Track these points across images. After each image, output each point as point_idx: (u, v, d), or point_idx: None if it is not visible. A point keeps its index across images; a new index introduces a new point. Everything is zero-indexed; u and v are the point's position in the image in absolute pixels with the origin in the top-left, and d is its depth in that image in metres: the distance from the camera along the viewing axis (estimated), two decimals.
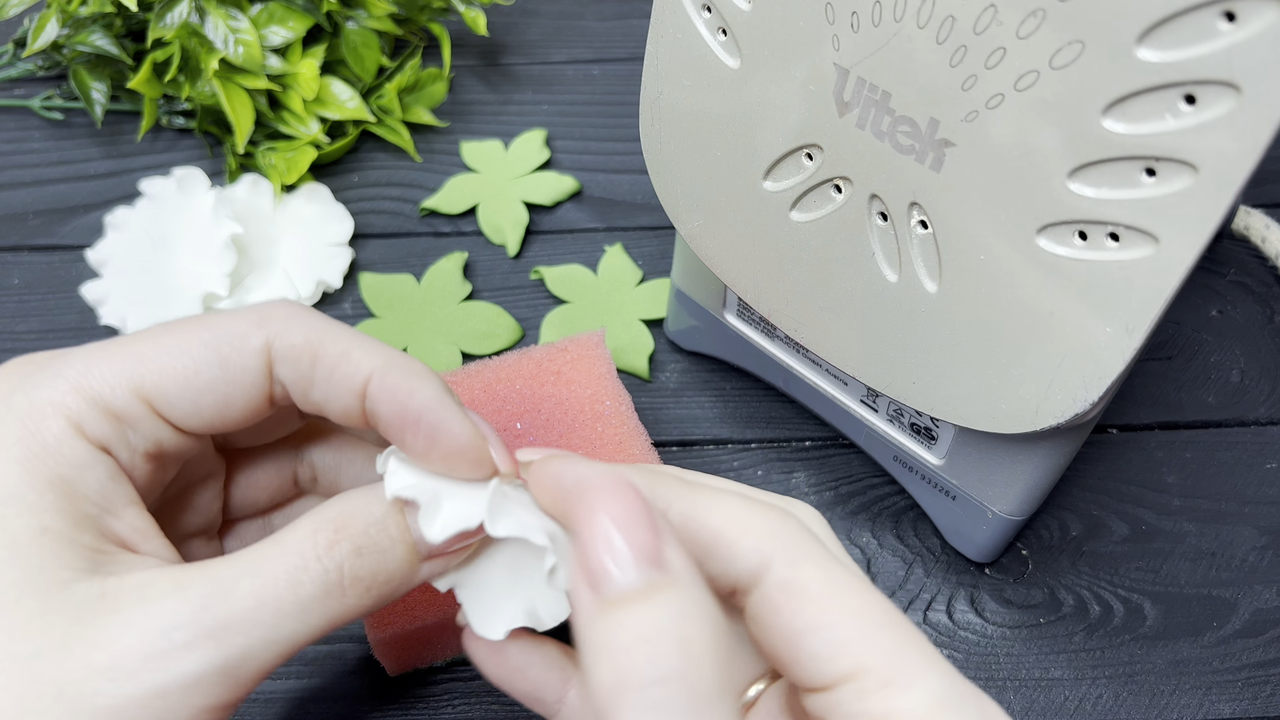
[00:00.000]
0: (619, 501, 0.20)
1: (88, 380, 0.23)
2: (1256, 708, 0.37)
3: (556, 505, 0.23)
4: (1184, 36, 0.23)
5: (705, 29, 0.32)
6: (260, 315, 0.24)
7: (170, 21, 0.47)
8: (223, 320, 0.24)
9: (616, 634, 0.19)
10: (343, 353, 0.24)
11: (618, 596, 0.19)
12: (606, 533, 0.19)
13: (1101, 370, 0.28)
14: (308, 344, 0.24)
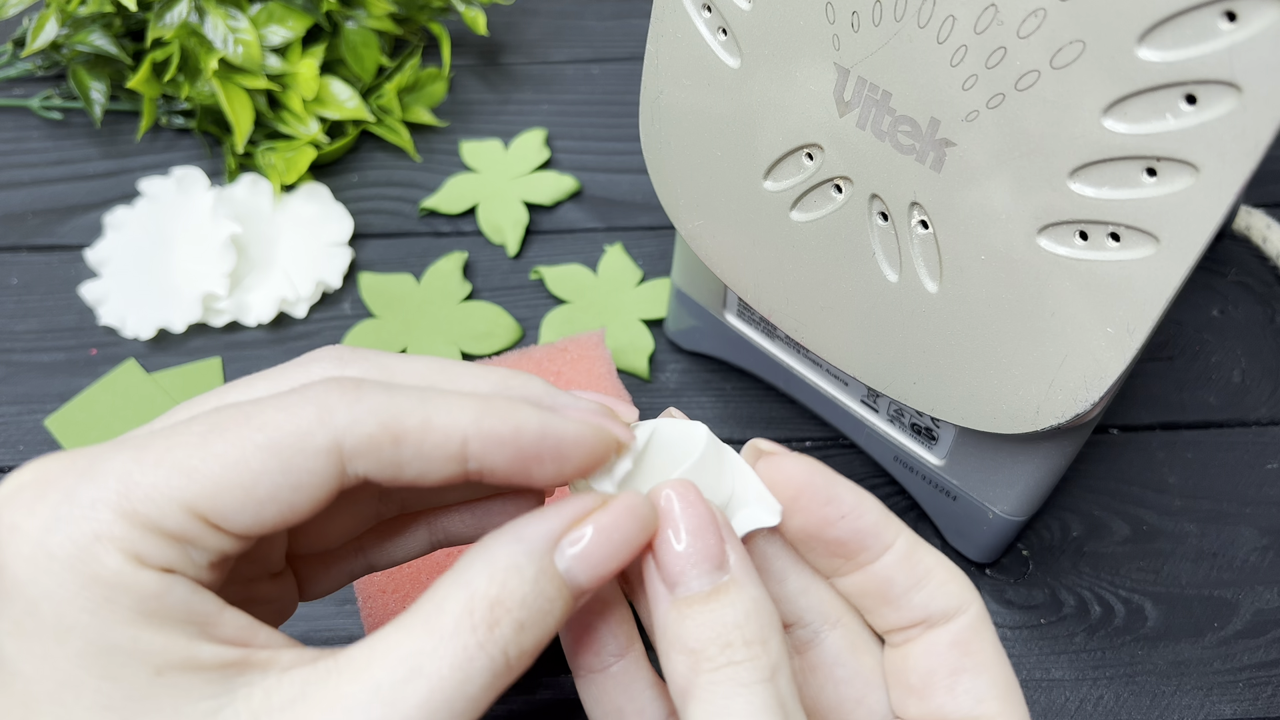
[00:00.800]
0: (690, 510, 0.23)
1: (132, 502, 0.20)
2: (1258, 708, 0.37)
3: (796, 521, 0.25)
4: (1185, 36, 0.23)
5: (705, 28, 0.31)
6: (320, 408, 0.21)
7: (169, 21, 0.47)
8: (277, 418, 0.20)
9: (689, 628, 0.22)
10: (424, 422, 0.21)
11: (690, 596, 0.22)
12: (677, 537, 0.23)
13: (1102, 370, 0.28)
14: (384, 429, 0.21)
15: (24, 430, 0.43)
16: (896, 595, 0.25)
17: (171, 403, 0.43)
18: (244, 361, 0.45)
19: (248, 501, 0.20)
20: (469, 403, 0.22)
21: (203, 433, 0.20)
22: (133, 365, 0.45)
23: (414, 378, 0.23)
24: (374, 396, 0.21)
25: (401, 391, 0.22)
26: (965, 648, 0.25)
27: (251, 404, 0.21)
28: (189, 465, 0.20)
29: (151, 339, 0.46)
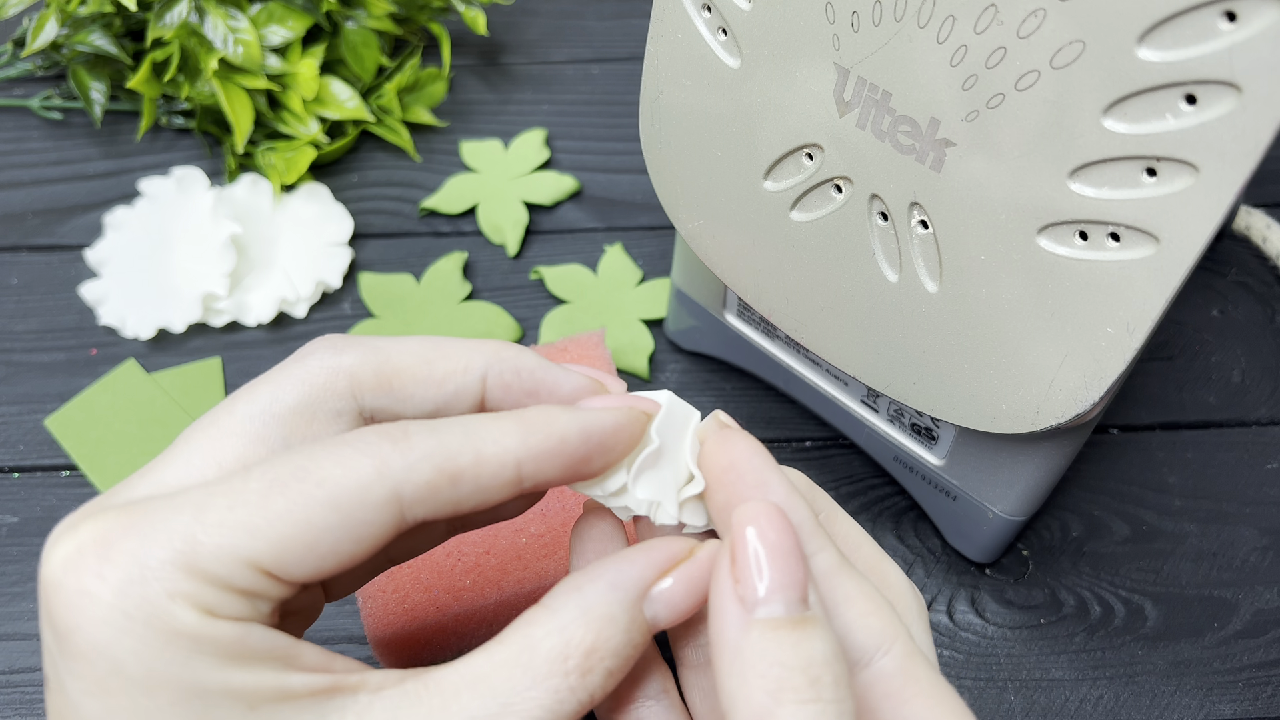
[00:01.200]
0: (776, 532, 0.22)
1: (200, 562, 0.20)
2: (1258, 708, 0.37)
3: (719, 496, 0.24)
4: (1185, 36, 0.23)
5: (705, 29, 0.31)
6: (376, 460, 0.21)
7: (169, 21, 0.47)
8: (335, 473, 0.21)
9: (774, 651, 0.21)
10: (476, 458, 0.22)
11: (771, 619, 0.21)
12: (761, 558, 0.22)
13: (1102, 370, 0.28)
14: (440, 473, 0.21)
15: (24, 430, 0.43)
16: None
17: (172, 402, 0.43)
18: (244, 361, 0.45)
19: (309, 556, 0.21)
20: (511, 426, 0.22)
21: (263, 491, 0.21)
22: (133, 365, 0.45)
23: (408, 357, 0.24)
24: (423, 441, 0.22)
25: (446, 428, 0.22)
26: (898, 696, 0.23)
27: (306, 456, 0.21)
28: (252, 525, 0.20)
29: (151, 339, 0.46)
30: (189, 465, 0.22)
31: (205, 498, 0.21)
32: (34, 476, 0.42)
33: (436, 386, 0.24)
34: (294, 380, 0.23)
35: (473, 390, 0.24)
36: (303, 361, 0.24)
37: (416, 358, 0.24)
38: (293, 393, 0.23)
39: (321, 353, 0.24)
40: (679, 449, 0.25)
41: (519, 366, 0.25)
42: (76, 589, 0.20)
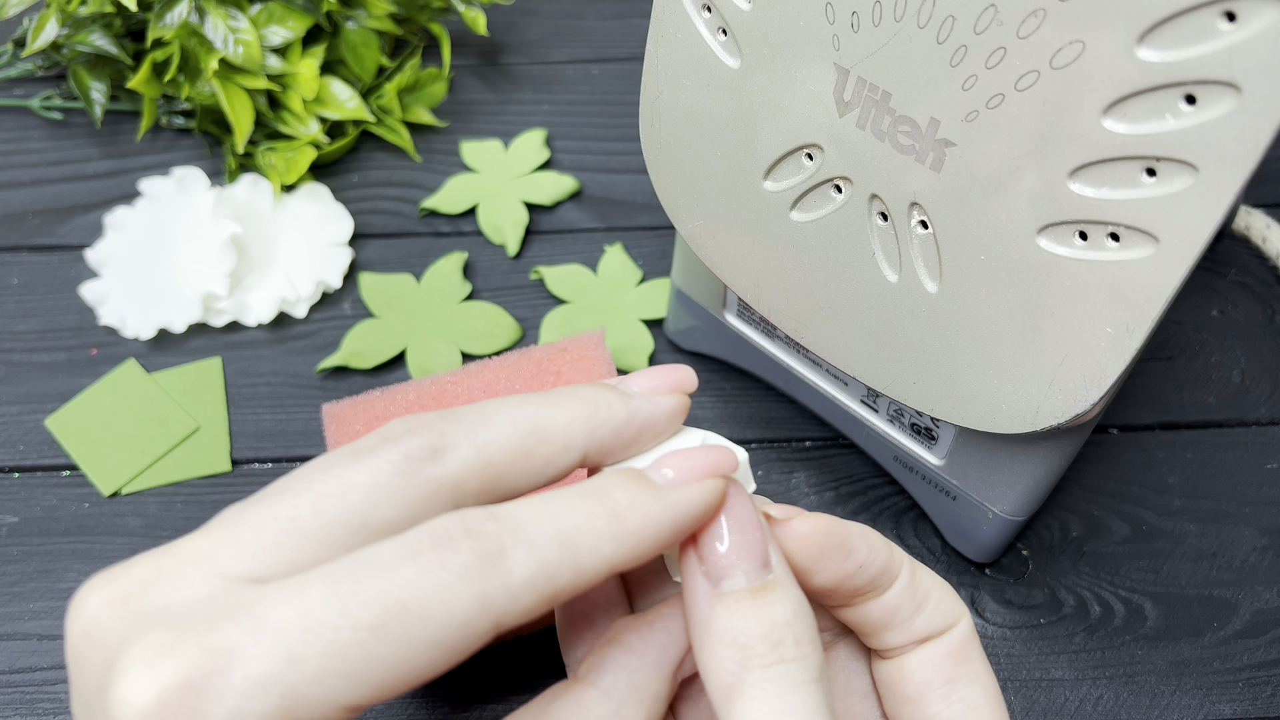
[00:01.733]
0: (738, 507, 0.23)
1: (298, 712, 0.19)
2: (1257, 708, 0.37)
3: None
4: (1184, 36, 0.23)
5: (705, 29, 0.32)
6: (480, 595, 0.20)
7: (170, 21, 0.47)
8: (438, 611, 0.20)
9: (738, 623, 0.22)
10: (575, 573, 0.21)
11: (733, 592, 0.22)
12: (725, 533, 0.23)
13: (1102, 370, 0.28)
14: (541, 597, 0.21)
15: (24, 430, 0.43)
16: (900, 621, 0.26)
17: (172, 402, 0.43)
18: (244, 361, 0.45)
19: (399, 690, 0.20)
20: (605, 530, 0.21)
21: (362, 630, 0.19)
22: (133, 365, 0.45)
23: (511, 454, 0.22)
24: (524, 565, 0.20)
25: (543, 544, 0.21)
26: (958, 658, 0.26)
27: (403, 588, 0.20)
28: (353, 675, 0.19)
29: (152, 339, 0.46)
30: (256, 560, 0.21)
31: (300, 635, 0.19)
32: (34, 476, 0.42)
33: (536, 476, 0.23)
34: (394, 493, 0.21)
35: (573, 465, 0.23)
36: (402, 470, 0.21)
37: (517, 452, 0.22)
38: (393, 508, 0.21)
39: (420, 458, 0.22)
40: None
41: (615, 426, 0.24)
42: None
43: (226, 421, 0.43)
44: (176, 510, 0.41)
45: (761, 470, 0.43)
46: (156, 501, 0.41)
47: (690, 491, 0.23)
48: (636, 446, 0.24)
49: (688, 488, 0.23)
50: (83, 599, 0.21)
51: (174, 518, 0.41)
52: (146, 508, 0.41)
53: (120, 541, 0.40)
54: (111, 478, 0.41)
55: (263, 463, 0.43)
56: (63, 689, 0.37)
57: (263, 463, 0.43)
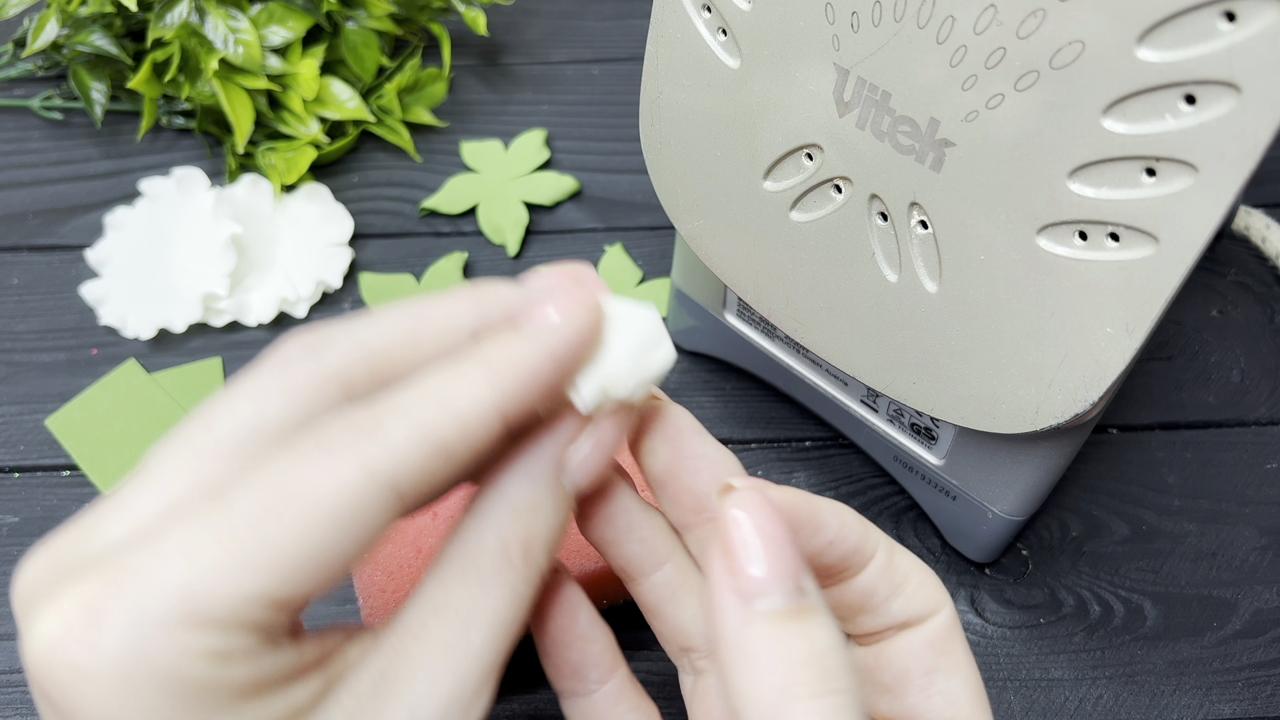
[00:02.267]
0: (767, 520, 0.21)
1: (200, 610, 0.19)
2: (1257, 708, 0.37)
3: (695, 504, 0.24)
4: (1184, 36, 0.23)
5: (705, 29, 0.32)
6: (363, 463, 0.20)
7: (170, 21, 0.47)
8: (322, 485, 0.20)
9: (780, 646, 0.20)
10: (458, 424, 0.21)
11: (772, 612, 0.21)
12: (757, 548, 0.21)
13: (1102, 370, 0.28)
14: (431, 454, 0.21)
15: (24, 430, 0.43)
16: (876, 605, 0.25)
17: (172, 402, 0.43)
18: (244, 361, 0.45)
19: (316, 573, 0.20)
20: (479, 377, 0.21)
21: (252, 520, 0.19)
22: (133, 365, 0.45)
23: (393, 341, 0.22)
24: (399, 425, 0.20)
25: (416, 403, 0.21)
26: (939, 648, 0.25)
27: (284, 471, 0.20)
28: (251, 561, 0.19)
29: (152, 339, 0.46)
30: (165, 493, 0.21)
31: (190, 539, 0.19)
32: (34, 476, 0.42)
33: (424, 361, 0.22)
34: (277, 393, 0.21)
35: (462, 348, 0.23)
36: (283, 370, 0.21)
37: (401, 339, 0.22)
38: (279, 408, 0.21)
39: (300, 358, 0.22)
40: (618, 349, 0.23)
41: (503, 306, 0.23)
42: (70, 666, 0.19)
43: None
44: None
45: (761, 470, 0.43)
46: None
47: (559, 327, 0.22)
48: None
49: (553, 321, 0.22)
50: (20, 571, 0.21)
51: None
52: None
53: None
54: (112, 478, 0.41)
55: None
56: None
57: None
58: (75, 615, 0.19)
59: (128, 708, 0.19)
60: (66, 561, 0.20)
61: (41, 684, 0.19)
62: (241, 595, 0.19)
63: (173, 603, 0.19)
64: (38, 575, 0.20)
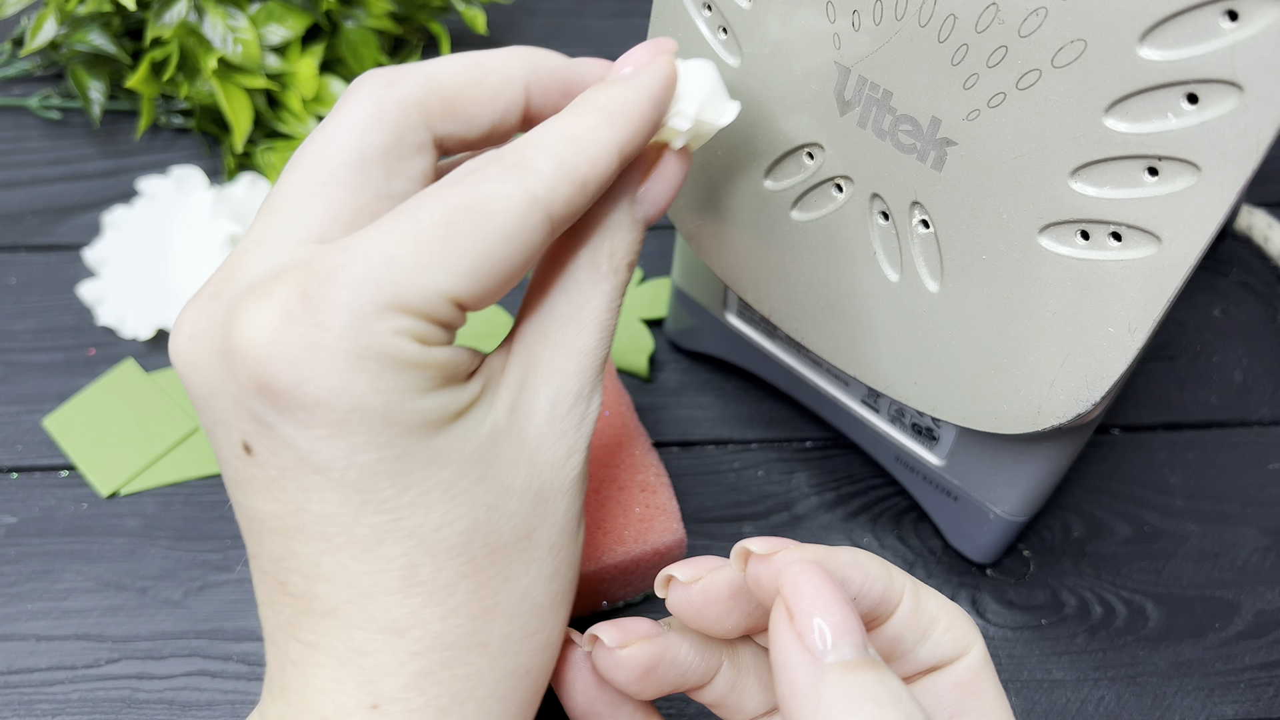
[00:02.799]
0: (826, 583, 0.22)
1: (407, 300, 0.22)
2: (1259, 709, 0.37)
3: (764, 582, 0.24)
4: (1186, 35, 0.23)
5: (706, 27, 0.31)
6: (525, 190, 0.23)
7: (168, 20, 0.47)
8: (497, 205, 0.23)
9: (854, 691, 0.21)
10: (591, 160, 0.24)
11: (845, 662, 0.21)
12: (820, 608, 0.22)
13: (1104, 370, 0.28)
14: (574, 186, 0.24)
15: (22, 430, 0.43)
16: (904, 651, 0.25)
17: (171, 402, 0.43)
18: None
19: (493, 283, 0.23)
20: (599, 121, 0.25)
21: (443, 231, 0.22)
22: (131, 365, 0.44)
23: (459, 78, 0.25)
24: (546, 162, 0.24)
25: (555, 145, 0.24)
26: (967, 689, 0.25)
27: (460, 193, 0.23)
28: (446, 263, 0.22)
29: (150, 339, 0.45)
30: (310, 221, 0.24)
31: (384, 243, 0.22)
32: (32, 477, 0.42)
33: (489, 103, 0.25)
34: (374, 121, 0.24)
35: (520, 100, 0.26)
36: (371, 101, 0.24)
37: (466, 78, 0.25)
38: (379, 134, 0.24)
39: (382, 89, 0.24)
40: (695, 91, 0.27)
41: (551, 68, 0.26)
42: (300, 343, 0.21)
43: None
44: (175, 511, 0.41)
45: (762, 471, 0.43)
46: (155, 502, 0.41)
47: (647, 70, 0.26)
48: (568, 95, 0.27)
49: (643, 70, 0.26)
50: (176, 328, 0.24)
51: (172, 518, 0.41)
52: (145, 508, 0.41)
53: (118, 542, 0.40)
54: (110, 478, 0.41)
55: None
56: (60, 690, 0.37)
57: None
58: (294, 303, 0.22)
59: (356, 378, 0.22)
60: (235, 290, 0.23)
61: (259, 369, 0.22)
62: (434, 290, 0.22)
63: (382, 292, 0.22)
64: (204, 313, 0.23)
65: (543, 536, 0.25)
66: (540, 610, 0.26)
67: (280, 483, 0.23)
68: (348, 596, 0.23)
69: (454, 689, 0.24)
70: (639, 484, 0.36)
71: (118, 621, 0.38)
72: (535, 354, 0.26)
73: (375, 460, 0.22)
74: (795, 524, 0.41)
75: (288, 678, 0.24)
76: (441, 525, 0.23)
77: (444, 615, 0.24)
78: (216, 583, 0.39)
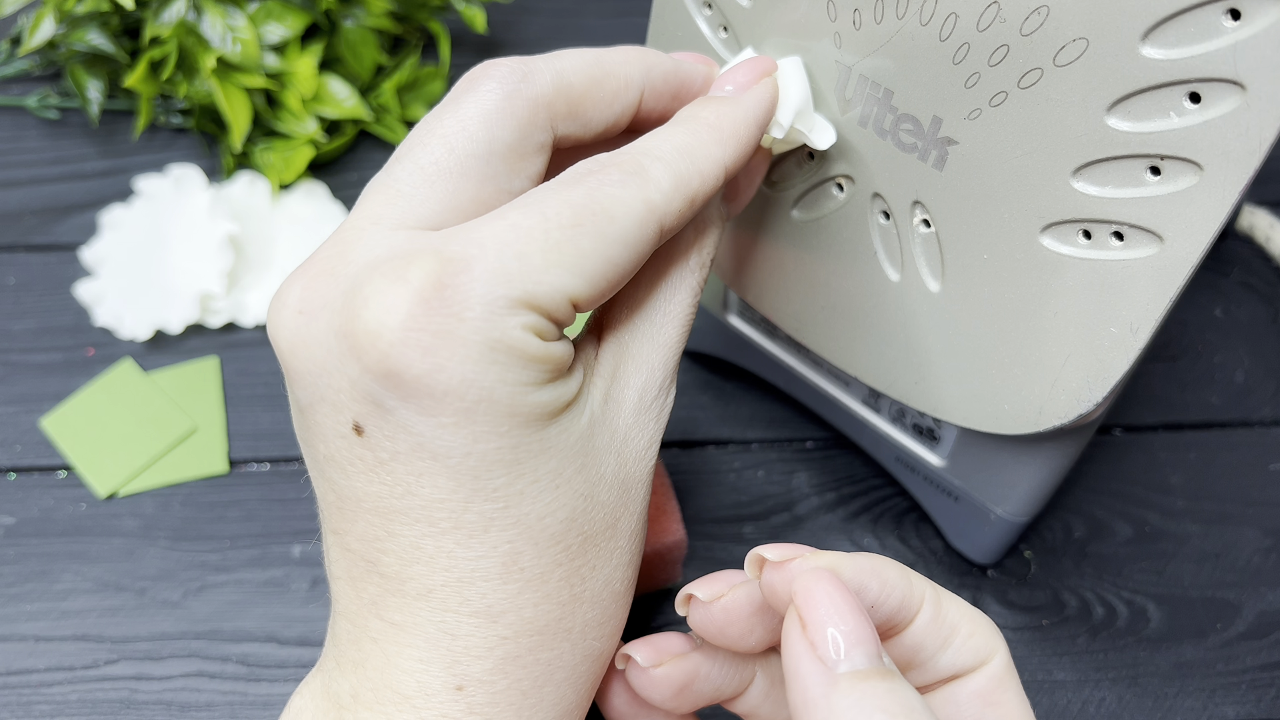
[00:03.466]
0: (840, 591, 0.22)
1: (535, 298, 0.22)
2: (1261, 710, 0.37)
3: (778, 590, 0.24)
4: (1188, 34, 0.23)
5: (706, 26, 0.31)
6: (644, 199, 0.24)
7: (167, 19, 0.47)
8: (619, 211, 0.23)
9: (866, 700, 0.21)
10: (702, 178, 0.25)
11: (858, 671, 0.21)
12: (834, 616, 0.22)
13: (1106, 370, 0.28)
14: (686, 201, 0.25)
15: (20, 430, 0.43)
16: (924, 660, 0.24)
17: (169, 403, 0.43)
18: (242, 361, 0.45)
19: (607, 287, 0.24)
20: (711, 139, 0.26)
21: (566, 229, 0.23)
22: (129, 365, 0.44)
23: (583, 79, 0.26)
24: (663, 175, 0.24)
25: (673, 159, 0.25)
26: (988, 698, 0.24)
27: (585, 196, 0.23)
28: (572, 265, 0.23)
29: (148, 339, 0.45)
30: (431, 208, 0.24)
31: (515, 240, 0.22)
32: (30, 477, 0.42)
33: (608, 106, 0.26)
34: (506, 116, 0.24)
35: (635, 104, 0.27)
36: (504, 94, 0.24)
37: (590, 80, 0.26)
38: (509, 130, 0.24)
39: (516, 83, 0.25)
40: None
41: (665, 71, 0.27)
42: (436, 332, 0.22)
43: (224, 422, 0.43)
44: (173, 511, 0.41)
45: (763, 471, 0.43)
46: (153, 502, 0.41)
47: (754, 91, 0.27)
48: (679, 100, 0.28)
49: (750, 89, 0.27)
50: (281, 300, 0.24)
51: (171, 519, 0.41)
52: (143, 509, 0.41)
53: (117, 542, 0.40)
54: (108, 479, 0.41)
55: (260, 463, 0.42)
56: (59, 691, 0.36)
57: (260, 463, 0.42)
58: (430, 291, 0.22)
59: (487, 369, 0.22)
60: (351, 270, 0.23)
61: (393, 358, 0.22)
62: (559, 289, 0.23)
63: (514, 287, 0.22)
64: (315, 293, 0.23)
65: (625, 525, 0.26)
66: (617, 596, 0.26)
67: (389, 465, 0.23)
68: (445, 580, 0.24)
69: (536, 673, 0.24)
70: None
71: (116, 622, 0.38)
72: (626, 345, 0.26)
73: (494, 449, 0.23)
74: (796, 525, 0.41)
75: (365, 654, 0.24)
76: (545, 514, 0.24)
77: (538, 601, 0.24)
78: (215, 584, 0.39)
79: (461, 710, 0.24)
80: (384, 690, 0.24)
